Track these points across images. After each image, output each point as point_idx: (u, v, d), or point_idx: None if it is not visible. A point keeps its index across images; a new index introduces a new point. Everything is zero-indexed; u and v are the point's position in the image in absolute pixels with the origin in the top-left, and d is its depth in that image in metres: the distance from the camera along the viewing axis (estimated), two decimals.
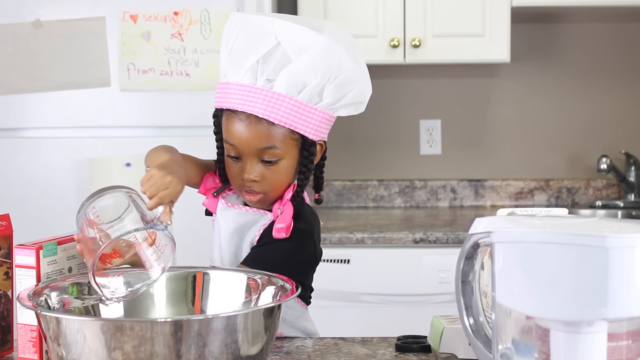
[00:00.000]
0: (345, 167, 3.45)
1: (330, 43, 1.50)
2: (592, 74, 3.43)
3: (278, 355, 1.46)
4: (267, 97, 1.50)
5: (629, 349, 1.04)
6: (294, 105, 1.51)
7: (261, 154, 1.53)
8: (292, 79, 1.50)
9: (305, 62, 1.49)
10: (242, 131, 1.52)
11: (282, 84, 1.50)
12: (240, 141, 1.53)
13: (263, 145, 1.52)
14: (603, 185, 3.43)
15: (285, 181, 1.57)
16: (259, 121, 1.51)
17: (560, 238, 1.01)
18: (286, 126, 1.51)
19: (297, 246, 1.58)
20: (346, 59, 1.52)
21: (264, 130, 1.51)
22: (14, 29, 2.71)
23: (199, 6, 2.68)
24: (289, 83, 1.50)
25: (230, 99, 1.53)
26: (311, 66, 1.49)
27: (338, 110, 1.57)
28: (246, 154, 1.53)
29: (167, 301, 1.41)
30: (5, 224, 1.45)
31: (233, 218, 1.61)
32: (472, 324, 1.21)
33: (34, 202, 2.71)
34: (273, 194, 1.57)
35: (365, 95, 1.59)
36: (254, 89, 1.51)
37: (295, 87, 1.50)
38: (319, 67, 1.50)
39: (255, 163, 1.54)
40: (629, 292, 0.99)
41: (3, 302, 1.44)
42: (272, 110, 1.50)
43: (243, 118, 1.52)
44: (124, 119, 2.73)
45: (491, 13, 3.05)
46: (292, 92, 1.50)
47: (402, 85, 3.45)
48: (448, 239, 2.78)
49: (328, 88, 1.52)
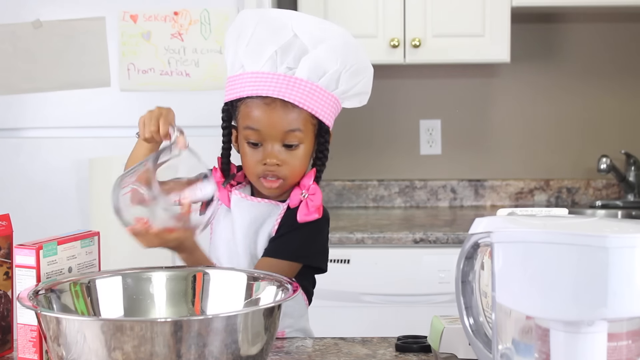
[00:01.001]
0: (345, 167, 3.45)
1: (347, 33, 1.60)
2: (592, 74, 3.43)
3: (278, 355, 1.46)
4: (291, 82, 1.55)
5: (629, 349, 1.04)
6: (315, 90, 1.56)
7: (284, 137, 1.57)
8: (313, 65, 1.56)
9: (325, 50, 1.56)
10: (267, 115, 1.56)
11: (304, 70, 1.56)
12: (264, 125, 1.56)
13: (288, 128, 1.56)
14: (603, 185, 3.43)
15: (303, 167, 1.61)
16: (284, 104, 1.56)
17: (560, 238, 1.01)
18: (309, 110, 1.56)
19: (318, 231, 1.63)
20: (360, 49, 1.61)
21: (288, 113, 1.56)
22: (14, 29, 2.71)
23: (199, 6, 2.68)
24: (310, 69, 1.56)
25: (251, 86, 1.57)
26: (332, 53, 1.56)
27: (346, 100, 1.63)
28: (269, 137, 1.57)
29: (167, 301, 1.41)
30: (5, 224, 1.45)
31: (248, 210, 1.63)
32: (472, 324, 1.21)
33: (34, 202, 2.71)
34: (291, 180, 1.60)
35: (369, 86, 1.65)
36: (276, 75, 1.56)
37: (316, 73, 1.56)
38: (338, 55, 1.57)
39: (278, 147, 1.57)
40: (629, 292, 0.99)
41: (3, 302, 1.44)
42: (297, 94, 1.55)
43: (268, 102, 1.56)
44: (124, 119, 2.73)
45: (491, 13, 3.05)
46: (313, 77, 1.56)
47: (402, 85, 3.45)
48: (448, 239, 2.78)
49: (344, 75, 1.58)
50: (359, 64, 1.60)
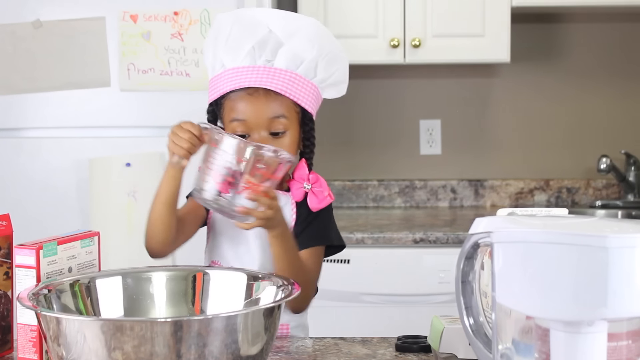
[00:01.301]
0: (345, 167, 3.45)
1: (318, 22, 1.67)
2: (592, 73, 3.43)
3: (278, 355, 1.46)
4: (271, 72, 1.60)
5: (629, 349, 1.04)
6: (295, 78, 1.61)
7: (270, 124, 1.61)
8: (290, 55, 1.61)
9: (300, 40, 1.61)
10: (250, 104, 1.61)
11: (282, 61, 1.61)
12: (250, 114, 1.60)
13: (272, 115, 1.60)
14: (603, 185, 3.43)
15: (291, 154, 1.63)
16: (266, 93, 1.60)
17: (560, 238, 1.01)
18: (291, 97, 1.61)
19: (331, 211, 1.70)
20: (333, 38, 1.67)
21: (271, 100, 1.61)
22: (14, 29, 2.71)
23: (199, 6, 2.68)
24: (288, 59, 1.61)
25: (233, 81, 1.61)
26: (307, 42, 1.62)
27: (325, 89, 1.67)
28: (255, 126, 1.60)
29: (167, 301, 1.41)
30: (5, 224, 1.45)
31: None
32: (472, 324, 1.21)
33: (34, 202, 2.71)
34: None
35: (346, 75, 1.70)
36: (256, 68, 1.61)
37: (294, 62, 1.62)
38: (314, 43, 1.63)
39: (264, 136, 1.61)
40: (629, 292, 0.99)
41: (3, 302, 1.44)
42: (278, 82, 1.60)
43: (251, 92, 1.61)
44: (124, 119, 2.73)
45: (491, 13, 3.05)
46: (291, 67, 1.61)
47: (402, 85, 3.45)
48: (448, 239, 2.78)
49: (321, 63, 1.64)
50: (334, 51, 1.65)
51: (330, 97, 1.71)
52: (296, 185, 1.65)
